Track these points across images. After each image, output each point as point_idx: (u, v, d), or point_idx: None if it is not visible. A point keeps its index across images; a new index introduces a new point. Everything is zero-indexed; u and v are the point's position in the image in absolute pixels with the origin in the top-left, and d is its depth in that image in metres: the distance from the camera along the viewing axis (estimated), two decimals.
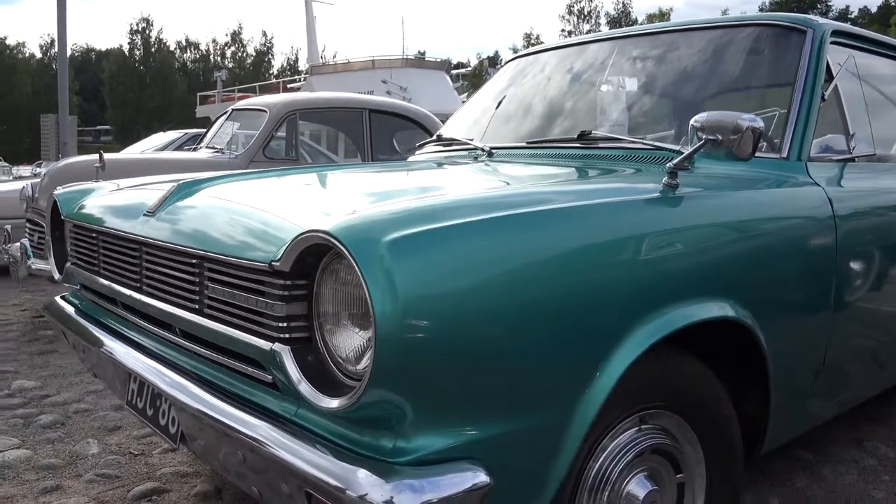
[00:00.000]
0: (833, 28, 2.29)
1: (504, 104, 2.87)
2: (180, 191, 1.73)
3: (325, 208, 1.40)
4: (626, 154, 2.13)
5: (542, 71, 2.94)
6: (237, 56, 66.79)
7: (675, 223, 1.51)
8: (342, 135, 6.33)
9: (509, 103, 2.87)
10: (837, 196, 1.94)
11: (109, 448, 2.66)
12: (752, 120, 1.58)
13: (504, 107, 2.86)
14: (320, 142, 7.04)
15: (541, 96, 2.83)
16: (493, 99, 2.98)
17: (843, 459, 2.57)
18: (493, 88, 3.07)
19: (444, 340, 1.10)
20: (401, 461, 1.13)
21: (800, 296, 1.82)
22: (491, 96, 3.02)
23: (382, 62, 18.92)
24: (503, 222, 1.23)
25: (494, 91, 3.03)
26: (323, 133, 7.11)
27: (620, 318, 1.33)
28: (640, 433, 1.54)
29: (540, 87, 2.86)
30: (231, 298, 1.37)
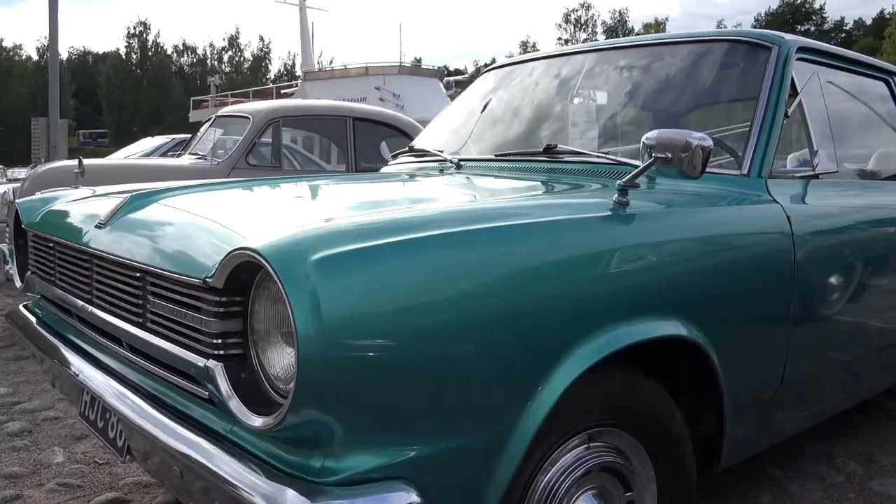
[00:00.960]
0: (799, 45, 2.29)
1: (476, 116, 2.88)
2: (132, 202, 1.72)
3: (265, 224, 1.39)
4: (591, 168, 2.13)
5: (515, 83, 2.94)
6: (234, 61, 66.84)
7: (623, 241, 1.51)
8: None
9: (481, 115, 2.87)
10: (797, 213, 1.94)
11: (75, 457, 2.65)
12: (702, 138, 1.58)
13: (476, 118, 2.86)
14: (312, 149, 7.04)
15: (512, 108, 2.83)
16: (466, 110, 2.99)
17: (810, 475, 2.57)
18: (466, 100, 3.08)
19: (370, 360, 1.10)
20: (328, 481, 1.12)
21: (755, 314, 1.81)
22: (464, 108, 3.02)
23: (376, 69, 18.92)
24: (434, 241, 1.22)
25: (468, 103, 3.03)
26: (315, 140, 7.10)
27: (559, 338, 1.32)
28: (588, 451, 1.54)
29: (512, 100, 2.86)
30: (170, 314, 1.36)
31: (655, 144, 1.59)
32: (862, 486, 2.49)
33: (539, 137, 2.55)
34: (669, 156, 1.58)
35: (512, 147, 2.56)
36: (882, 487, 2.47)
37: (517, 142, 2.61)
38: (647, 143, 1.61)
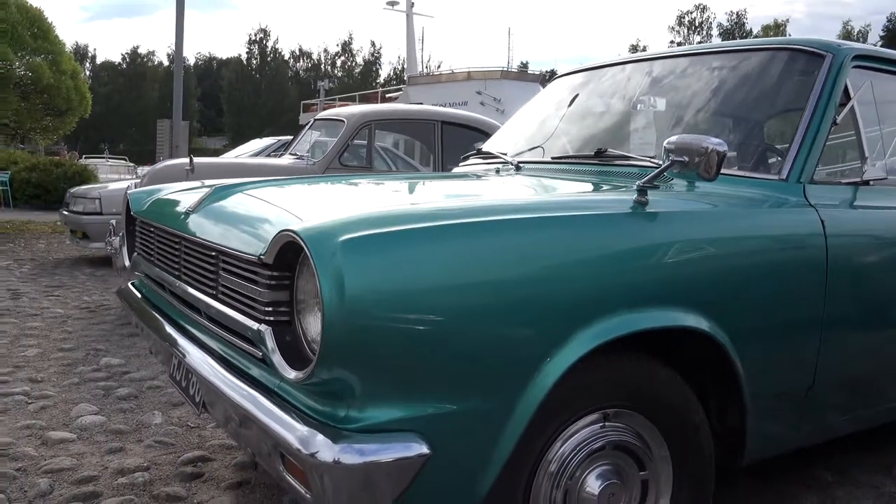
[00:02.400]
0: (856, 53, 2.31)
1: (543, 120, 3.03)
2: (215, 193, 2.00)
3: (315, 212, 1.61)
4: (639, 172, 2.24)
5: (583, 89, 3.07)
6: (346, 65, 69.09)
7: (638, 236, 1.64)
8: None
9: (548, 119, 3.01)
10: (834, 219, 1.98)
11: (171, 420, 2.99)
12: (718, 144, 1.68)
13: (542, 123, 3.01)
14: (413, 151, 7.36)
15: (577, 113, 2.96)
16: (536, 115, 3.14)
17: (863, 484, 2.56)
18: (538, 105, 3.23)
19: (386, 329, 1.29)
20: (350, 427, 1.32)
21: (781, 316, 1.87)
22: (535, 112, 3.18)
23: (478, 73, 19.27)
24: (454, 230, 1.41)
25: (538, 107, 3.19)
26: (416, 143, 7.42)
27: (564, 322, 1.47)
28: (603, 429, 1.67)
29: (578, 105, 2.99)
30: (235, 286, 1.61)
31: (675, 149, 1.70)
32: None
33: (600, 142, 2.66)
34: (686, 159, 1.69)
35: (573, 150, 2.69)
36: None
37: (578, 146, 2.73)
38: (667, 147, 1.73)
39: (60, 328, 4.55)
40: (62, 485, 2.37)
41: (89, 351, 4.02)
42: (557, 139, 2.84)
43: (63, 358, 3.86)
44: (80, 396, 3.24)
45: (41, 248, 8.63)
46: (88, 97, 15.94)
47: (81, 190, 7.33)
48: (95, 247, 6.67)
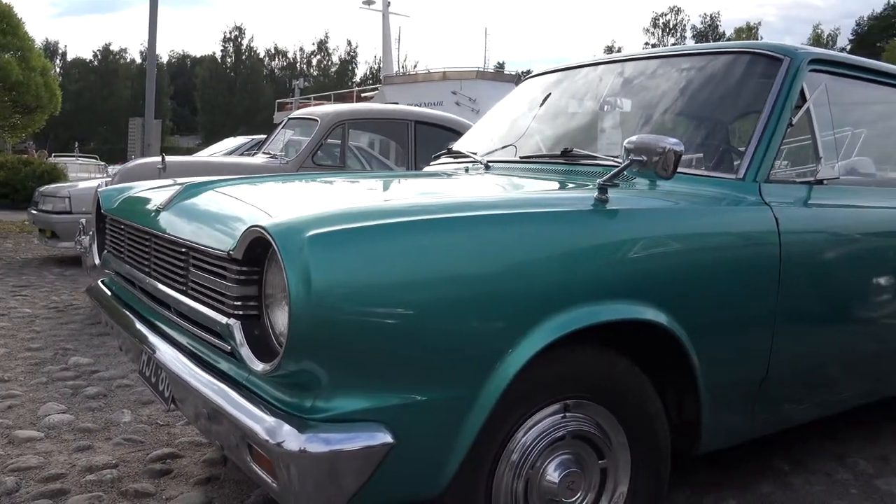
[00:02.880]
0: (812, 56, 2.40)
1: (513, 120, 3.09)
2: (186, 191, 2.02)
3: (283, 209, 1.65)
4: (602, 171, 2.29)
5: (551, 90, 3.13)
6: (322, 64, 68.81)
7: (597, 233, 1.69)
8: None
9: (518, 119, 3.07)
10: (787, 216, 2.06)
11: (140, 418, 3.00)
12: (675, 143, 1.75)
13: (512, 123, 3.07)
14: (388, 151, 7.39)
15: (545, 114, 3.02)
16: (506, 115, 3.20)
17: (817, 471, 2.65)
18: (508, 105, 3.29)
19: (351, 322, 1.34)
20: (316, 417, 1.36)
21: (735, 310, 1.94)
22: (505, 112, 3.23)
23: (453, 73, 19.36)
24: (418, 226, 1.45)
25: (509, 107, 3.24)
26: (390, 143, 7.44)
27: (525, 315, 1.52)
28: (564, 419, 1.72)
29: (546, 106, 3.05)
30: (205, 281, 1.64)
31: (634, 148, 1.77)
32: (867, 483, 2.56)
33: (567, 141, 2.72)
34: (645, 158, 1.75)
35: (541, 150, 2.74)
36: (888, 486, 2.54)
37: (546, 145, 2.79)
38: (627, 146, 1.79)
39: (28, 328, 4.51)
40: (29, 483, 2.38)
41: (58, 350, 4.00)
42: (527, 139, 2.89)
43: (31, 357, 3.84)
44: (48, 395, 3.23)
45: (8, 247, 8.52)
46: (58, 94, 15.69)
47: (51, 189, 7.26)
48: (64, 246, 6.61)
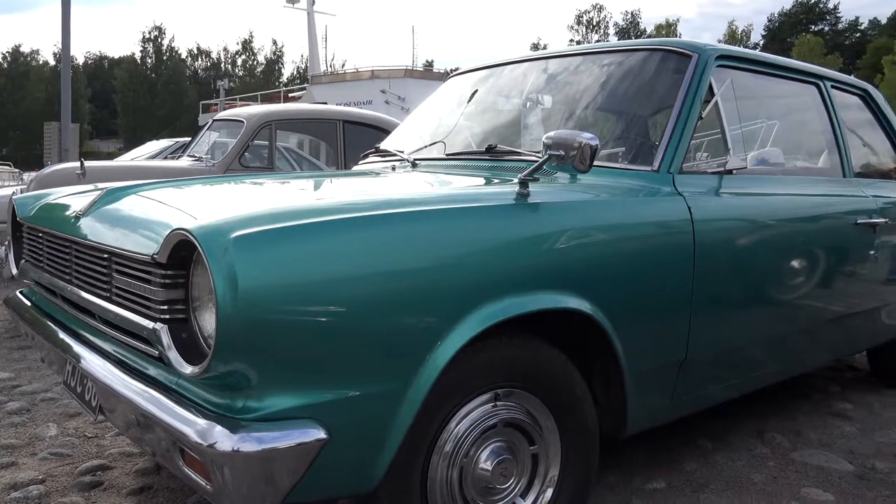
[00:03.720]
0: (719, 52, 2.52)
1: (438, 118, 3.13)
2: (107, 196, 1.98)
3: (207, 211, 1.64)
4: (526, 166, 2.35)
5: (476, 87, 3.18)
6: (247, 64, 67.52)
7: (519, 226, 1.75)
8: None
9: (443, 117, 3.12)
10: (699, 205, 2.16)
11: (67, 431, 2.91)
12: (591, 138, 1.82)
13: (437, 120, 3.11)
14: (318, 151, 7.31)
15: (470, 111, 3.07)
16: (431, 113, 3.24)
17: (738, 447, 2.79)
18: (433, 103, 3.32)
19: (278, 322, 1.35)
20: (248, 417, 1.37)
21: (654, 297, 2.03)
22: (430, 110, 3.27)
23: (382, 72, 19.29)
24: (342, 224, 1.47)
25: (433, 105, 3.28)
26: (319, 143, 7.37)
27: (452, 307, 1.56)
28: (495, 408, 1.77)
29: (469, 104, 3.10)
30: (129, 287, 1.62)
31: (552, 143, 1.83)
32: (783, 456, 2.71)
33: (492, 138, 2.78)
34: (563, 153, 1.82)
35: (466, 147, 2.79)
36: (801, 458, 2.70)
37: (471, 142, 2.84)
38: (545, 142, 1.86)
39: None
40: None
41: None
42: (453, 136, 2.93)
43: None
44: None
45: None
46: None
47: None
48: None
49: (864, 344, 3.27)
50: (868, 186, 3.07)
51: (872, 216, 2.88)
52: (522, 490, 1.85)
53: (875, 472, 2.58)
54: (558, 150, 1.82)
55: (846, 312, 2.89)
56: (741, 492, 2.41)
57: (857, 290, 2.92)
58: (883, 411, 3.29)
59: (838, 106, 3.10)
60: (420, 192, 1.97)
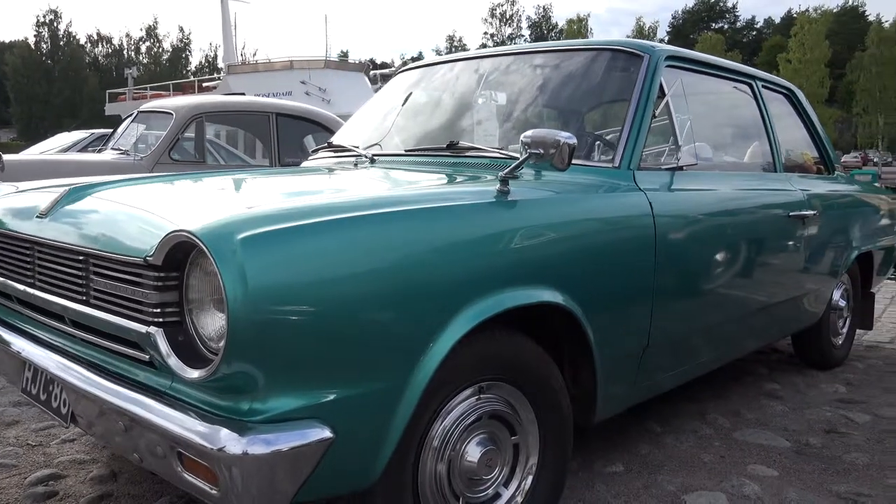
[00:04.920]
0: (668, 53, 2.64)
1: (390, 114, 3.13)
2: (71, 194, 1.90)
3: (196, 210, 1.61)
4: (488, 162, 2.41)
5: (427, 83, 3.21)
6: (152, 52, 64.94)
7: (503, 223, 1.80)
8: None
9: (395, 113, 3.12)
10: (658, 200, 2.27)
11: (7, 441, 2.77)
12: (569, 137, 1.88)
13: (390, 116, 3.11)
14: (237, 143, 7.13)
15: (423, 107, 3.10)
16: (382, 108, 3.23)
17: (684, 430, 2.94)
18: (383, 98, 3.32)
19: (287, 322, 1.34)
20: (255, 420, 1.36)
21: (622, 287, 2.13)
22: (381, 106, 3.26)
23: (301, 63, 18.91)
24: (346, 223, 1.48)
25: (384, 101, 3.28)
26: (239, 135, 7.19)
27: (448, 304, 1.59)
28: (479, 401, 1.82)
29: (423, 99, 3.13)
30: (113, 289, 1.57)
31: (531, 142, 1.89)
32: (726, 436, 2.88)
33: (447, 134, 2.81)
34: (542, 151, 1.88)
35: (422, 143, 2.80)
36: (742, 437, 2.87)
37: (427, 138, 2.85)
38: (524, 140, 1.91)
39: None
40: None
41: None
42: (407, 131, 2.95)
43: None
44: None
45: None
46: None
47: None
48: None
49: (792, 328, 3.50)
50: (796, 181, 3.28)
51: (802, 209, 3.09)
52: (505, 479, 1.90)
53: (810, 448, 2.78)
54: (538, 149, 1.87)
55: (780, 300, 3.08)
56: (694, 471, 2.54)
57: (788, 279, 3.13)
58: (808, 390, 3.53)
59: (768, 104, 3.30)
60: (408, 190, 1.98)
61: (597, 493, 2.37)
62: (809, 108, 3.75)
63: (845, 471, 2.58)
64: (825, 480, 2.49)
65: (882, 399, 3.41)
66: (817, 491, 2.41)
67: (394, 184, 2.24)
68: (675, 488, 2.40)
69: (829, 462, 2.65)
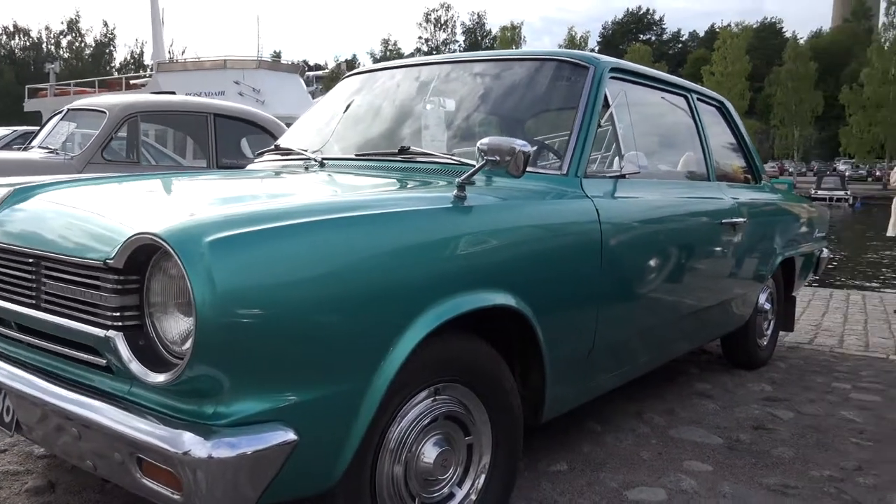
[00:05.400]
0: (612, 65, 2.74)
1: (339, 118, 3.13)
2: (17, 195, 1.85)
3: (155, 212, 1.59)
4: (439, 168, 2.45)
5: (376, 88, 3.23)
6: (74, 46, 62.47)
7: (460, 228, 1.84)
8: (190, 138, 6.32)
9: (344, 117, 3.12)
10: (604, 207, 2.36)
11: None
12: (523, 145, 1.94)
13: (339, 120, 3.11)
14: (166, 144, 6.95)
15: (373, 112, 3.11)
16: (329, 112, 3.23)
17: (623, 428, 3.05)
18: (330, 102, 3.32)
19: (255, 325, 1.35)
20: (220, 423, 1.36)
21: (570, 290, 2.20)
22: (328, 109, 3.26)
23: (234, 62, 18.51)
24: (310, 227, 1.49)
25: (331, 104, 3.28)
26: (169, 135, 7.01)
27: (408, 307, 1.63)
28: (434, 402, 1.85)
29: (372, 103, 3.15)
30: (67, 293, 1.54)
31: (487, 149, 1.94)
32: (662, 433, 3.00)
33: (396, 139, 2.84)
34: (498, 158, 1.93)
35: (372, 147, 2.82)
36: (678, 434, 3.00)
37: (376, 143, 2.88)
38: (480, 147, 1.96)
39: None
40: None
41: None
42: (357, 136, 2.97)
43: None
44: None
45: None
46: None
47: None
48: None
49: (723, 330, 3.67)
50: (727, 189, 3.45)
51: (733, 216, 3.25)
52: (459, 479, 1.94)
53: (741, 444, 2.92)
54: (494, 156, 1.92)
55: (713, 303, 3.24)
56: (634, 468, 2.64)
57: (720, 284, 3.28)
58: (736, 389, 3.71)
59: (702, 116, 3.46)
60: (370, 195, 1.99)
61: (543, 491, 2.44)
62: (738, 119, 3.94)
63: (773, 464, 2.72)
64: (755, 474, 2.63)
65: (803, 396, 3.61)
66: (748, 484, 2.54)
67: (349, 188, 2.25)
68: (617, 485, 2.49)
69: (758, 457, 2.79)
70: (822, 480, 2.59)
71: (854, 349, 4.77)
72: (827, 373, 4.11)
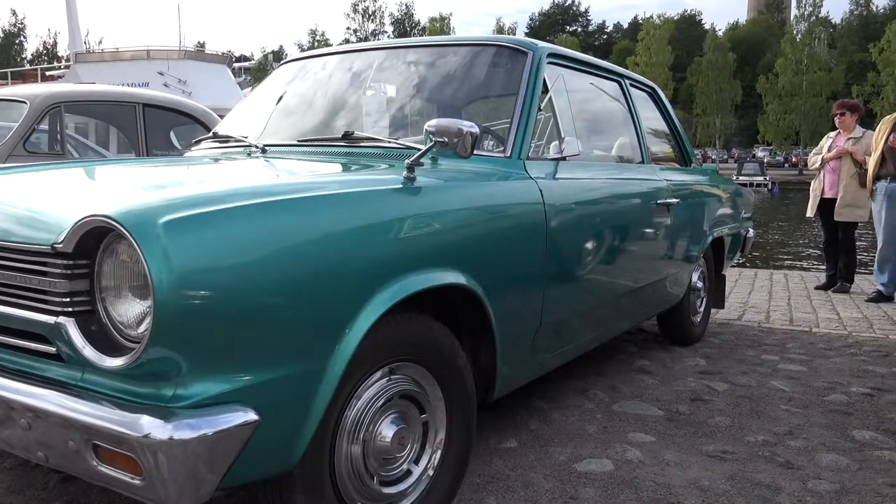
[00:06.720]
0: (550, 51, 2.79)
1: (277, 105, 3.10)
2: None
3: (102, 196, 1.56)
4: (383, 152, 2.46)
5: (314, 75, 3.20)
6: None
7: (410, 209, 1.86)
8: (113, 129, 6.09)
9: (282, 104, 3.09)
10: (547, 188, 2.41)
11: None
12: (471, 126, 1.97)
13: (277, 107, 3.08)
14: (88, 136, 6.68)
15: (312, 98, 3.09)
16: (267, 99, 3.19)
17: (569, 405, 3.13)
18: (267, 89, 3.28)
19: (212, 306, 1.34)
20: (179, 406, 1.35)
21: (517, 269, 2.25)
22: (265, 97, 3.22)
23: (158, 52, 17.92)
24: (264, 208, 1.48)
25: (268, 92, 3.24)
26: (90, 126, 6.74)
27: (363, 286, 1.64)
28: (390, 382, 1.87)
29: (312, 90, 3.12)
30: (10, 280, 1.49)
31: (435, 131, 1.96)
32: (606, 409, 3.10)
33: (337, 125, 2.83)
34: (446, 140, 1.95)
35: (314, 134, 2.80)
36: (621, 408, 3.10)
37: (318, 129, 2.86)
38: (428, 129, 1.98)
39: None
40: None
41: None
42: (297, 123, 2.95)
43: None
44: None
45: None
46: None
47: None
48: None
49: (660, 308, 3.80)
50: (661, 171, 3.57)
51: (667, 197, 3.36)
52: (416, 456, 1.97)
53: (680, 415, 3.05)
54: (442, 137, 1.94)
55: (650, 282, 3.35)
56: (581, 442, 2.72)
57: (657, 263, 3.40)
58: (673, 364, 3.85)
59: (635, 101, 3.57)
60: (320, 178, 1.98)
61: (494, 467, 2.49)
62: (669, 104, 4.08)
63: (711, 433, 2.85)
64: (695, 442, 2.75)
65: (736, 369, 3.78)
66: (689, 451, 2.65)
67: (296, 172, 2.24)
68: (565, 458, 2.57)
69: (697, 426, 2.92)
70: (756, 445, 2.72)
71: (780, 324, 5.01)
72: (756, 346, 4.31)
